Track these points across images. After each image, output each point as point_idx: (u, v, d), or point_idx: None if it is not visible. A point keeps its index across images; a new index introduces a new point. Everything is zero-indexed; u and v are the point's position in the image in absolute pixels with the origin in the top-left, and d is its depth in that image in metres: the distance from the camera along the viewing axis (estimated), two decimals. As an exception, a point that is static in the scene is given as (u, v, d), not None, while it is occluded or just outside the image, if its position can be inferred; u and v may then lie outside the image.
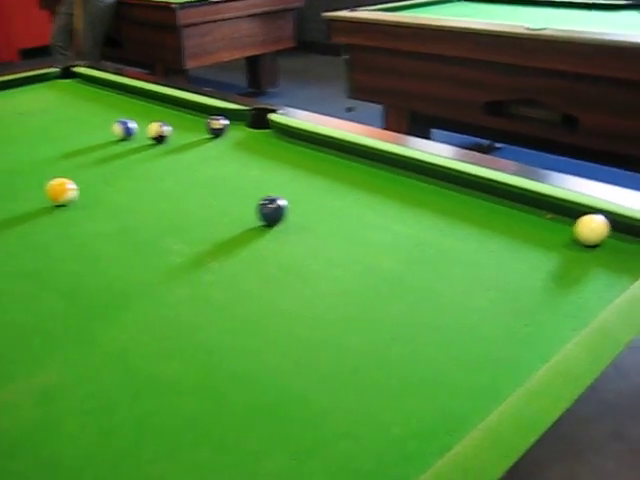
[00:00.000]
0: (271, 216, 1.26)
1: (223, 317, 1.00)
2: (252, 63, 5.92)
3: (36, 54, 6.61)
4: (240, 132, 1.84)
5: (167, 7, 4.89)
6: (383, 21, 3.49)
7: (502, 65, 3.00)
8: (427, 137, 3.84)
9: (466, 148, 1.53)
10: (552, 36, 2.76)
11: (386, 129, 3.78)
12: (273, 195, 1.28)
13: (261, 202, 1.27)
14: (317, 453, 0.73)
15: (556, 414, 0.70)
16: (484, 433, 0.68)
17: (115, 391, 0.85)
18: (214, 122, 1.80)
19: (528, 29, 2.85)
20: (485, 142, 4.32)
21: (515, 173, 1.36)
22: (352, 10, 3.78)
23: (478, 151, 1.51)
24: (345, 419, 0.78)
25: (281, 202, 1.27)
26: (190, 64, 5.15)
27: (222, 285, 1.09)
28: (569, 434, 0.71)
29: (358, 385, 0.84)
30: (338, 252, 1.18)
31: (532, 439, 0.67)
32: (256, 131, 1.84)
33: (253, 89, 5.99)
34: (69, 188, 1.39)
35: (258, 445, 0.74)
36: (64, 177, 1.42)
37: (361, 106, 3.93)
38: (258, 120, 1.87)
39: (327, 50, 4.33)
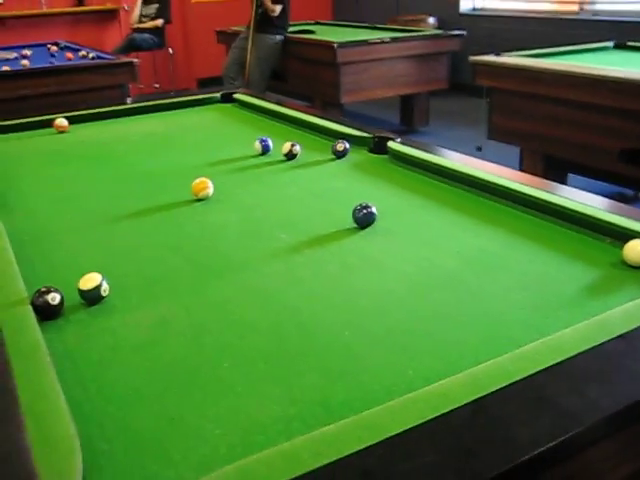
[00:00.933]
0: (362, 219, 1.52)
1: (304, 288, 1.28)
2: (405, 101, 6.20)
3: (211, 83, 7.30)
4: (361, 156, 2.12)
5: (328, 46, 5.29)
6: (524, 66, 3.65)
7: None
8: (563, 182, 3.93)
9: (608, 197, 1.62)
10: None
11: (522, 171, 3.93)
12: (367, 203, 1.54)
13: (356, 207, 1.53)
14: (343, 378, 0.97)
15: (531, 371, 0.90)
16: (466, 377, 0.90)
17: (211, 325, 1.15)
18: (338, 144, 2.09)
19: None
20: (630, 192, 4.32)
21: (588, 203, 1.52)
22: (498, 55, 3.97)
23: (621, 201, 1.62)
24: (377, 364, 1.02)
25: (372, 209, 1.53)
26: (345, 99, 5.52)
27: (309, 265, 1.36)
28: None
29: (397, 345, 1.07)
30: (412, 252, 1.42)
31: (500, 384, 0.88)
32: (375, 156, 2.11)
33: (404, 127, 6.26)
34: (207, 186, 1.73)
35: (306, 369, 1.00)
36: (205, 178, 1.76)
37: (499, 148, 4.08)
38: (378, 146, 2.14)
39: (477, 93, 4.52)
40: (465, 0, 7.51)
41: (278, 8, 5.70)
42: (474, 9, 7.53)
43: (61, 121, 2.58)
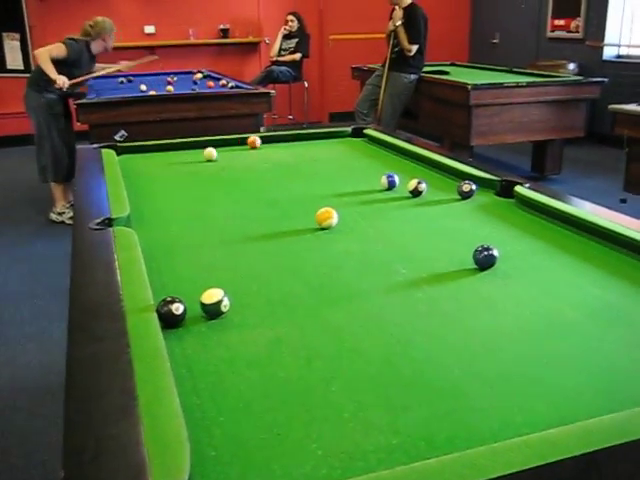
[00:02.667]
0: (482, 261, 1.51)
1: (418, 322, 1.28)
2: (538, 148, 6.06)
3: (342, 118, 7.45)
4: (486, 198, 2.10)
5: (462, 87, 5.28)
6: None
7: None
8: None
9: None
10: None
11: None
12: (489, 245, 1.53)
13: (477, 249, 1.52)
14: (449, 416, 0.97)
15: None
16: (578, 429, 0.87)
17: (324, 350, 1.18)
18: (465, 185, 2.08)
19: None
20: None
21: None
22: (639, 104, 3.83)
23: None
24: (484, 406, 1.00)
25: (493, 251, 1.51)
26: (476, 141, 5.47)
27: (426, 301, 1.37)
28: None
29: (507, 389, 1.05)
30: (530, 298, 1.39)
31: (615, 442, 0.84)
32: (501, 199, 2.09)
33: (535, 173, 6.11)
34: (332, 216, 1.77)
35: (413, 403, 1.01)
36: (330, 208, 1.80)
37: None
38: (505, 190, 2.12)
39: (616, 143, 4.36)
40: (610, 48, 7.28)
41: (414, 48, 5.77)
42: (618, 56, 7.29)
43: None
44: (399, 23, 5.74)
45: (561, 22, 7.80)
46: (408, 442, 0.91)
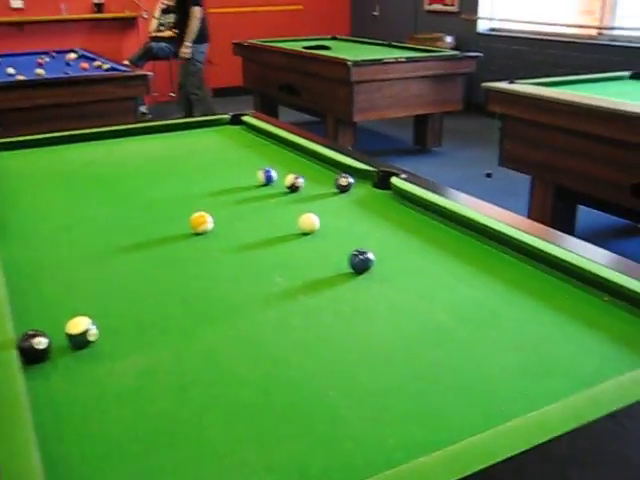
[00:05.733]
0: (358, 266, 1.51)
1: (295, 338, 1.27)
2: (419, 121, 6.18)
3: (227, 93, 7.32)
4: (364, 190, 2.10)
5: (343, 64, 5.29)
6: (537, 95, 3.62)
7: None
8: (573, 213, 3.89)
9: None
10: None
11: (532, 200, 3.90)
12: (364, 249, 1.53)
13: (353, 253, 1.52)
14: (325, 444, 0.96)
15: (514, 450, 0.89)
16: (446, 454, 0.88)
17: (199, 376, 1.14)
18: (341, 179, 2.08)
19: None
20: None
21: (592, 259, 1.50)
22: (511, 82, 3.94)
23: (627, 232, 1.56)
24: (359, 430, 1.00)
25: (369, 255, 1.52)
26: (358, 117, 5.51)
27: (303, 314, 1.35)
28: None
29: (381, 410, 1.06)
30: (406, 303, 1.40)
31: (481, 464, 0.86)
32: (379, 191, 2.09)
33: (418, 146, 6.25)
34: (206, 221, 1.72)
35: (288, 432, 0.99)
36: (205, 212, 1.75)
37: (511, 174, 4.06)
38: (382, 181, 2.13)
39: (492, 114, 4.49)
40: (484, 20, 7.49)
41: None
42: (492, 29, 7.51)
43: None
44: None
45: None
46: (281, 479, 0.90)
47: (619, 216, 3.88)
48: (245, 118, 2.96)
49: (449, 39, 7.52)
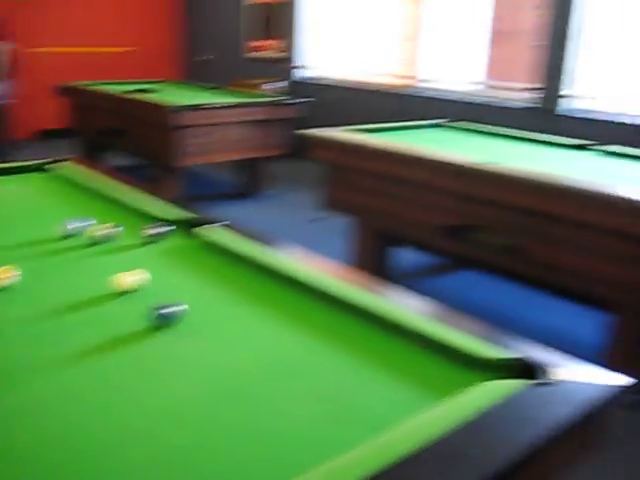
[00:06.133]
0: (159, 320, 1.46)
1: (90, 399, 1.20)
2: (249, 166, 6.20)
3: (56, 135, 6.93)
4: (177, 239, 2.04)
5: (161, 108, 5.23)
6: (348, 141, 3.73)
7: (453, 192, 3.21)
8: (392, 253, 4.02)
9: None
10: (492, 170, 3.01)
11: (354, 242, 4.00)
12: (168, 302, 1.48)
13: (155, 306, 1.47)
14: None
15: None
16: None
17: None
18: (150, 230, 2.02)
19: (472, 162, 3.10)
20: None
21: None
22: (323, 130, 4.01)
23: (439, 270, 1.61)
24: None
25: (174, 308, 1.47)
26: (180, 162, 5.43)
27: (96, 375, 1.28)
28: None
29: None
30: (210, 356, 1.37)
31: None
32: (192, 240, 2.05)
33: (249, 190, 6.25)
34: (7, 276, 1.63)
35: None
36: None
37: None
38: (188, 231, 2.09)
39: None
40: (304, 69, 7.78)
41: None
42: (311, 78, 7.81)
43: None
44: None
45: (258, 44, 8.27)
46: None
47: (436, 255, 4.08)
48: (56, 165, 2.81)
49: (281, 84, 7.70)
